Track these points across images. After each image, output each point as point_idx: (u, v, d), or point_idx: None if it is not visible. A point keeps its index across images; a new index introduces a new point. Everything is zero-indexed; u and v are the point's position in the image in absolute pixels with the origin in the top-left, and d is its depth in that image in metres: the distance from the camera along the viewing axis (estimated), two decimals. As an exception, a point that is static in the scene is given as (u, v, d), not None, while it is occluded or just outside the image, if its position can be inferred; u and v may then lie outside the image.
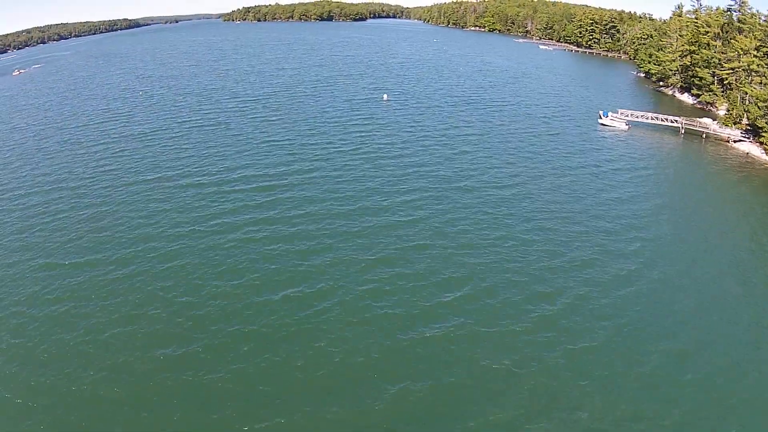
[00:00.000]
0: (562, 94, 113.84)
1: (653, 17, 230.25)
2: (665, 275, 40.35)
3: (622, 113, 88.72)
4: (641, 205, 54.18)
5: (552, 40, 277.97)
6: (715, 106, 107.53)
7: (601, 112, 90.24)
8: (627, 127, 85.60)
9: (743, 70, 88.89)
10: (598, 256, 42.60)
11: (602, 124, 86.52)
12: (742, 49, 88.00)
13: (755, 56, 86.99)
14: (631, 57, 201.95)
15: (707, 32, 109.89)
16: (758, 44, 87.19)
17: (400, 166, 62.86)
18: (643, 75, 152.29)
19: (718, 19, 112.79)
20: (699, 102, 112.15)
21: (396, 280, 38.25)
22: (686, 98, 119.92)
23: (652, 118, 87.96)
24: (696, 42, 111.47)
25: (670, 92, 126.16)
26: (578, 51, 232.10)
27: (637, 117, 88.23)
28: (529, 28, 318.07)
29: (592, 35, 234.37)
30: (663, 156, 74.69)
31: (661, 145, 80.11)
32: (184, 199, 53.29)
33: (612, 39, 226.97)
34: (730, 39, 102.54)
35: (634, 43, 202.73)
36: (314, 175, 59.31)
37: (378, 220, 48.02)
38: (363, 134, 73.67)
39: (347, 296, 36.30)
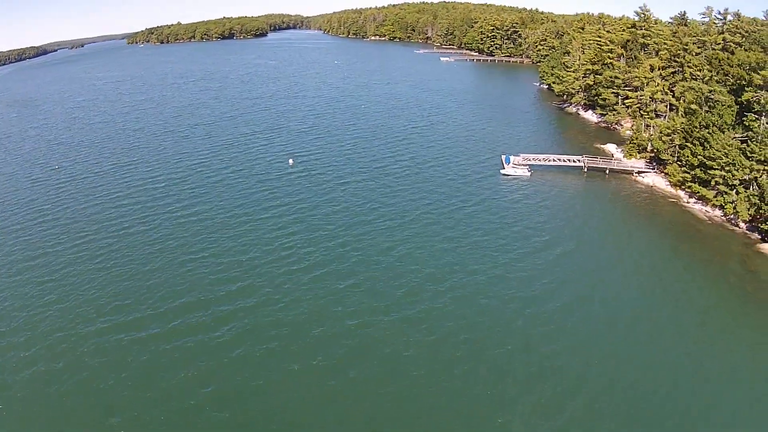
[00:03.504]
0: (466, 135, 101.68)
1: (555, 18, 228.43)
2: (584, 371, 38.24)
3: (524, 158, 79.53)
4: (549, 284, 49.17)
5: (453, 46, 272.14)
6: (621, 124, 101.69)
7: (503, 158, 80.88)
8: (530, 173, 76.71)
9: (648, 96, 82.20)
10: (512, 369, 38.67)
11: (505, 174, 77.17)
12: (646, 76, 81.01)
13: (660, 79, 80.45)
14: (534, 61, 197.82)
15: (611, 50, 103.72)
16: (663, 65, 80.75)
17: (306, 267, 53.41)
18: (546, 87, 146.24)
19: (622, 33, 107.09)
20: (604, 121, 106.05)
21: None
22: (590, 116, 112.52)
23: (554, 160, 79.59)
24: (599, 61, 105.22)
25: (574, 110, 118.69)
26: (479, 59, 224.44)
27: (540, 160, 79.46)
28: (429, 35, 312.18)
29: (493, 41, 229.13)
30: (568, 208, 66.73)
31: (565, 191, 72.32)
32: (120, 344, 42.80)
33: (514, 44, 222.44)
34: (634, 56, 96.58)
35: (536, 46, 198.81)
36: (244, 287, 50.47)
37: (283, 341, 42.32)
38: (275, 229, 63.19)
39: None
